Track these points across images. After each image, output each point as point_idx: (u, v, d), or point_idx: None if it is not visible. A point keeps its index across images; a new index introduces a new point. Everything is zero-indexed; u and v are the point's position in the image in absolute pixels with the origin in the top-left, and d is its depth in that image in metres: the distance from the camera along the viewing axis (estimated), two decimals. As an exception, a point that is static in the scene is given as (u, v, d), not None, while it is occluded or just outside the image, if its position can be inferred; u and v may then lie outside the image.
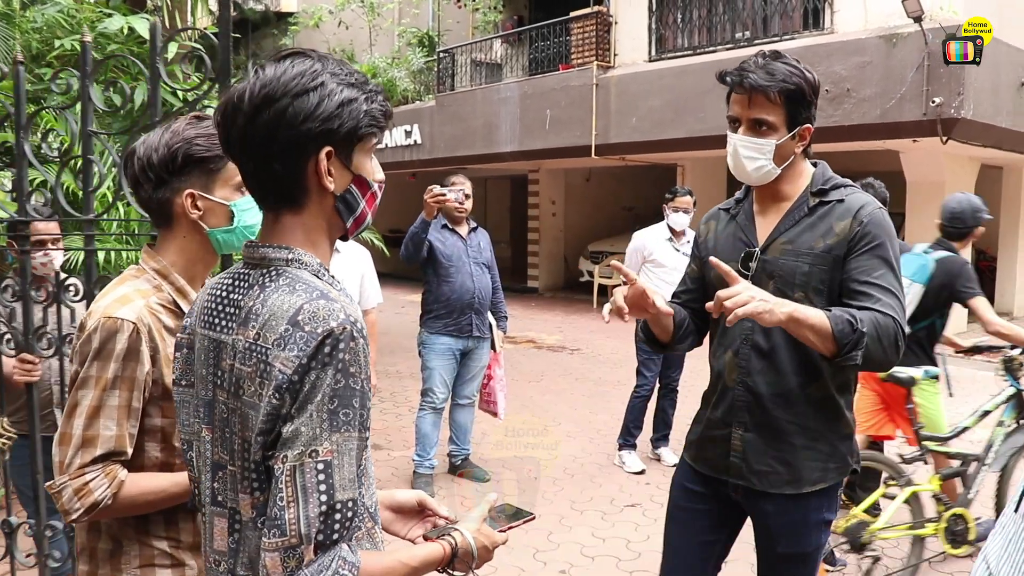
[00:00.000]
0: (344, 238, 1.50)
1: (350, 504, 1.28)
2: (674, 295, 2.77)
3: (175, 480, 1.87)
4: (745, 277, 2.35)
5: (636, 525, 5.18)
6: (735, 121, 2.38)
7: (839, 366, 2.22)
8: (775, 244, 2.40)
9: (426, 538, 1.55)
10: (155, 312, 1.88)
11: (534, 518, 1.75)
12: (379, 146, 1.48)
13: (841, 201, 2.36)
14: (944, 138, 10.00)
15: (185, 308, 1.93)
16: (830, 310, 2.18)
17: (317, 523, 1.25)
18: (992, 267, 15.66)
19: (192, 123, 1.94)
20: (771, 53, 2.36)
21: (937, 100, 9.70)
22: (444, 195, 5.35)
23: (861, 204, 2.33)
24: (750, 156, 2.35)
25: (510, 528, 1.66)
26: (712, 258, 2.22)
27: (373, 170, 1.46)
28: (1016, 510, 1.43)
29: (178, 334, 1.56)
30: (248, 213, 1.97)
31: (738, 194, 2.64)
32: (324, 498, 1.25)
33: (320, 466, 1.26)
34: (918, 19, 9.55)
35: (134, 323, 1.83)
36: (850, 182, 2.45)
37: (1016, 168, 14.65)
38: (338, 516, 1.27)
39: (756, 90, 2.29)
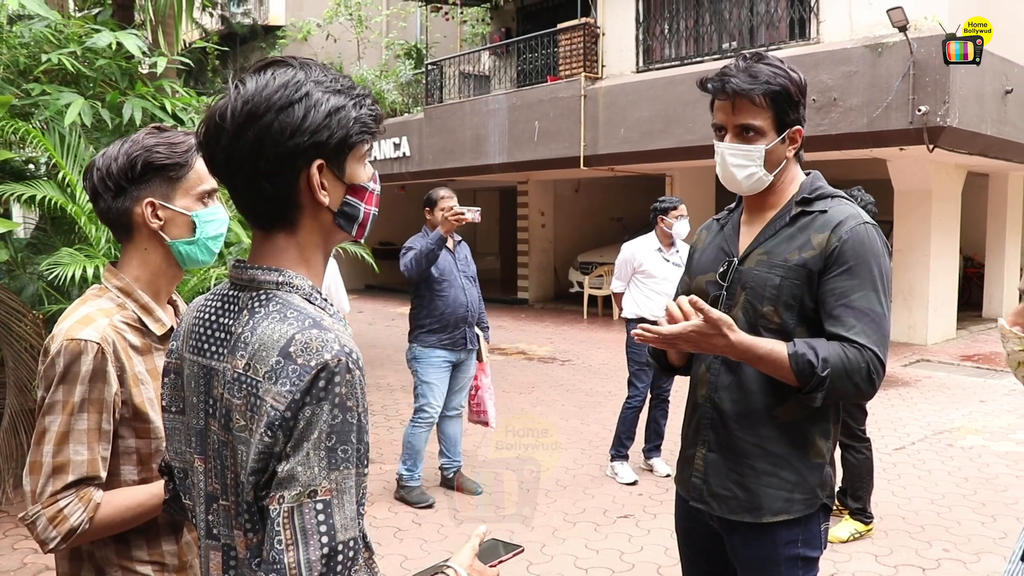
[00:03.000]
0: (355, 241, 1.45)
1: (352, 543, 1.21)
2: None
3: (152, 491, 1.81)
4: (721, 288, 2.29)
5: (629, 536, 5.17)
6: (720, 129, 2.26)
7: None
8: (752, 255, 2.27)
9: None
10: (120, 331, 1.84)
11: (522, 551, 1.70)
12: (370, 154, 1.43)
13: (824, 212, 2.21)
14: (930, 146, 10.05)
15: (151, 325, 1.90)
16: (795, 344, 2.08)
17: (319, 566, 1.18)
18: (980, 273, 15.75)
19: (152, 132, 1.91)
20: (752, 55, 2.24)
21: (923, 108, 9.76)
22: (463, 214, 5.34)
23: (842, 218, 2.18)
24: (739, 164, 2.23)
25: (500, 563, 1.62)
26: (692, 298, 2.09)
27: (367, 174, 1.40)
28: (1023, 559, 1.42)
29: (166, 358, 1.50)
30: (211, 224, 1.93)
31: (732, 204, 2.51)
32: (325, 540, 1.18)
33: (319, 506, 1.19)
34: (903, 28, 9.61)
35: (98, 343, 1.78)
36: (840, 193, 2.30)
37: (1002, 175, 14.74)
38: (340, 557, 1.19)
39: (739, 95, 2.17)
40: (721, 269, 2.32)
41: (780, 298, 2.18)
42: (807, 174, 2.34)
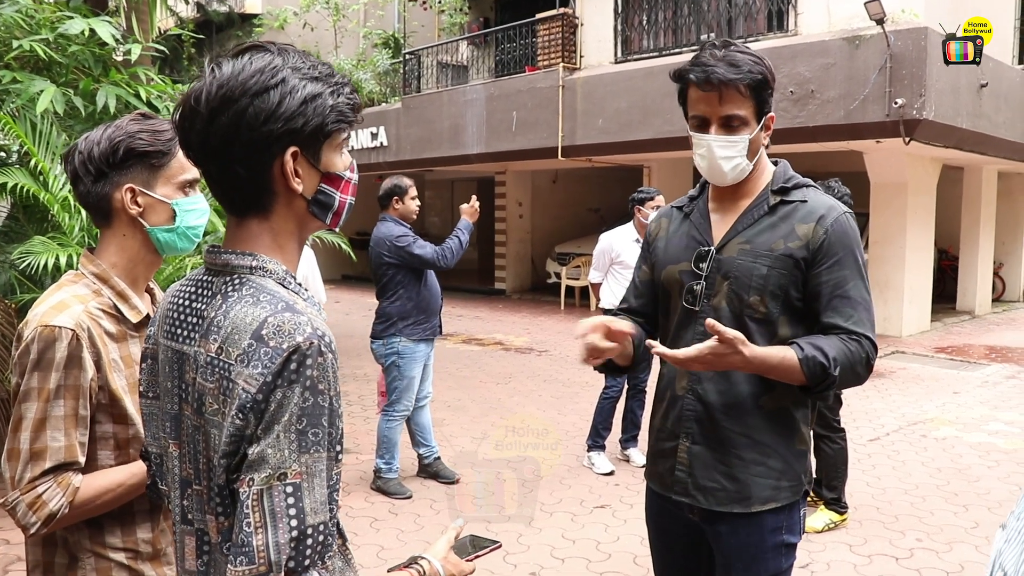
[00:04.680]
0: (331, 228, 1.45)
1: (322, 528, 1.21)
2: (624, 306, 2.59)
3: (131, 471, 1.82)
4: (698, 277, 2.26)
5: (606, 526, 5.18)
6: (703, 121, 2.21)
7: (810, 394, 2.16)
8: (731, 243, 2.24)
9: (390, 571, 1.49)
10: (95, 317, 1.83)
11: (499, 546, 1.69)
12: (348, 143, 1.41)
13: (804, 202, 2.22)
14: (907, 139, 10.12)
15: (127, 312, 1.89)
16: (801, 347, 2.08)
17: (288, 549, 1.18)
18: (954, 266, 15.90)
19: (136, 119, 1.90)
20: (722, 43, 2.21)
21: (899, 101, 9.81)
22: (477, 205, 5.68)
23: (826, 209, 2.20)
24: (727, 156, 2.19)
25: (476, 557, 1.61)
26: (709, 322, 2.01)
27: (344, 163, 1.38)
28: None
29: (143, 344, 1.50)
30: (192, 214, 1.92)
31: (692, 191, 2.47)
32: (295, 523, 1.18)
33: (289, 489, 1.18)
34: (880, 21, 9.66)
35: (72, 330, 1.77)
36: (811, 182, 2.31)
37: (976, 168, 14.87)
38: (310, 541, 1.19)
39: (726, 85, 2.13)
40: (696, 260, 2.28)
41: (767, 288, 2.18)
42: (774, 162, 2.33)
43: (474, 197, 5.66)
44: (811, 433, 2.32)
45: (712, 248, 2.27)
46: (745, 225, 2.25)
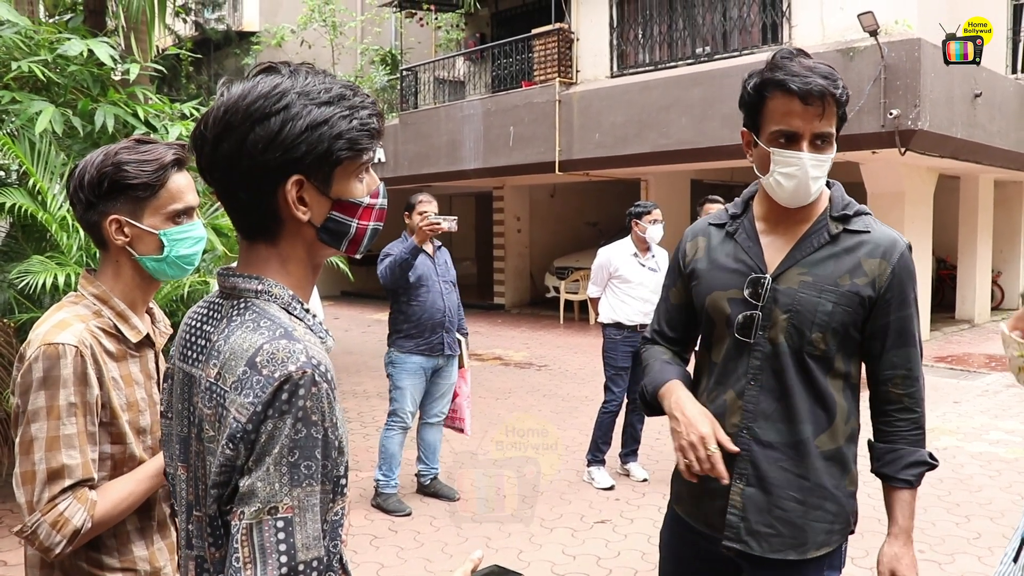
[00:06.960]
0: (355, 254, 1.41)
1: (315, 564, 1.16)
2: (656, 328, 2.41)
3: (137, 478, 1.83)
4: (753, 307, 2.09)
5: (606, 541, 5.17)
6: (794, 136, 2.00)
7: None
8: (790, 273, 2.07)
9: None
10: (96, 336, 1.83)
11: None
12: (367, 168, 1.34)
13: (867, 232, 2.07)
14: (902, 149, 10.16)
15: (126, 332, 1.89)
16: (908, 481, 2.10)
17: None
18: (952, 275, 15.92)
19: (129, 147, 1.88)
20: (797, 51, 2.04)
21: (894, 112, 9.86)
22: (439, 223, 5.29)
23: (890, 243, 2.06)
24: (817, 176, 2.01)
25: None
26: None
27: (363, 189, 1.34)
28: (1016, 560, 1.39)
29: (166, 365, 1.48)
30: (183, 243, 1.91)
31: (732, 208, 2.25)
32: (284, 559, 1.13)
33: (280, 524, 1.14)
34: (874, 33, 9.72)
35: (76, 347, 1.77)
36: (867, 209, 2.15)
37: (972, 177, 14.91)
38: None
39: (827, 98, 1.96)
40: (749, 288, 2.11)
41: (830, 325, 2.04)
42: (827, 184, 2.16)
43: (431, 213, 5.45)
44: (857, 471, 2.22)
45: (768, 276, 2.09)
46: (805, 253, 2.09)
